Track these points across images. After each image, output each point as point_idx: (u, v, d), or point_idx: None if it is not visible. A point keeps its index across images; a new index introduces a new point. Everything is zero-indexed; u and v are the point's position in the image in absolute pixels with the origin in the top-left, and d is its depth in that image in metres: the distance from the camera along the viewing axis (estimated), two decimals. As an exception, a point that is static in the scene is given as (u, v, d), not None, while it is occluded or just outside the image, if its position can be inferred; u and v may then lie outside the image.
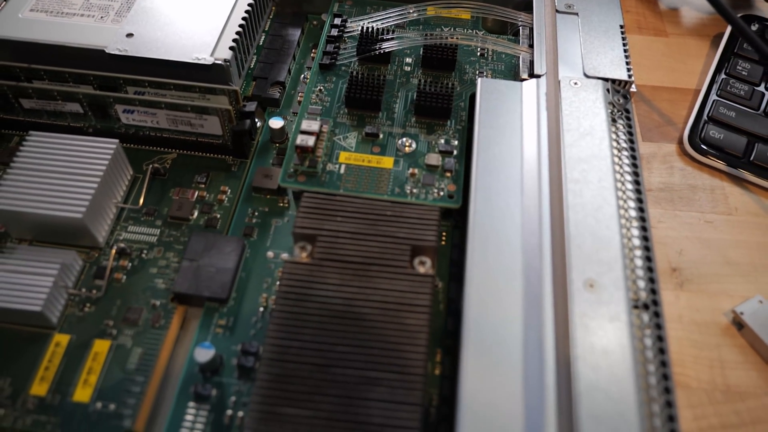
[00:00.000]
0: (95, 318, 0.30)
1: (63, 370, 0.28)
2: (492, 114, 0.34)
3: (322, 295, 0.27)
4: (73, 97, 0.34)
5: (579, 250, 0.28)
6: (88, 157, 0.32)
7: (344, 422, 0.24)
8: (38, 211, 0.30)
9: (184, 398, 0.28)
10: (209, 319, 0.30)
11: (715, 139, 0.38)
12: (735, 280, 0.33)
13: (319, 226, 0.29)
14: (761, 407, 0.29)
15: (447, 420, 0.27)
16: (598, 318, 0.26)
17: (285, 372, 0.25)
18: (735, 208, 0.36)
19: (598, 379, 0.25)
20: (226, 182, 0.35)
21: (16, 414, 0.27)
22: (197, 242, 0.32)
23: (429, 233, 0.29)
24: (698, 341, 0.31)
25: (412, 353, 0.25)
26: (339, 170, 0.33)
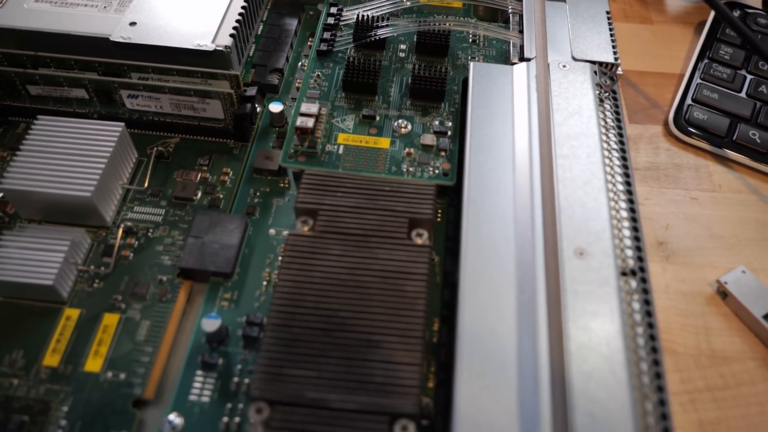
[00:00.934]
0: (104, 293, 0.31)
1: (74, 342, 0.29)
2: (484, 96, 0.35)
3: (325, 265, 0.28)
4: (78, 83, 0.35)
5: (569, 220, 0.29)
6: (95, 139, 0.33)
7: (347, 382, 0.25)
8: (48, 191, 0.31)
9: (192, 367, 0.29)
10: (214, 293, 0.31)
11: (700, 120, 0.39)
12: (719, 252, 0.35)
13: (320, 201, 0.30)
14: (745, 371, 0.31)
15: (445, 385, 0.28)
16: (588, 284, 0.28)
17: (290, 336, 0.26)
18: (719, 186, 0.38)
19: (589, 339, 0.26)
20: (228, 164, 0.36)
21: (30, 384, 0.28)
22: (202, 220, 0.33)
23: (426, 207, 0.30)
24: (684, 310, 0.33)
25: (412, 318, 0.26)
26: (338, 150, 0.34)
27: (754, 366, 0.31)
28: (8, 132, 0.37)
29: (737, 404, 0.30)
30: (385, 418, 0.24)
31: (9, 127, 0.38)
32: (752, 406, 0.30)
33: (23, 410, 0.27)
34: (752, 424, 0.29)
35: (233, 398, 0.28)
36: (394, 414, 0.24)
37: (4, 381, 0.28)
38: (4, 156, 0.36)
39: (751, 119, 0.39)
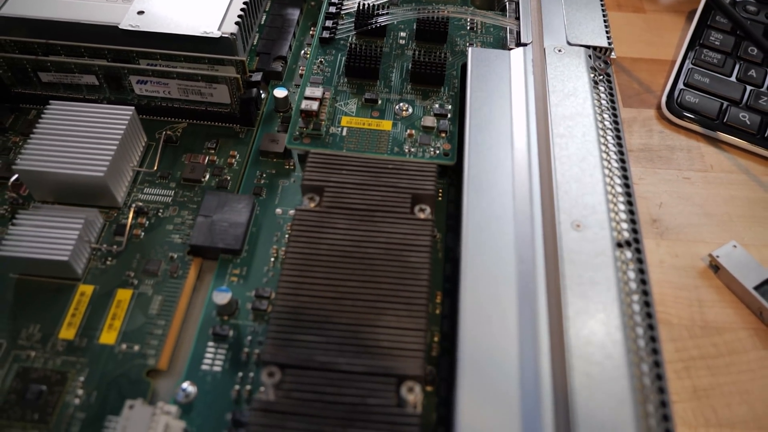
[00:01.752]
0: (117, 270, 0.32)
1: (89, 316, 0.30)
2: (482, 79, 0.36)
3: (331, 238, 0.29)
4: (89, 70, 0.36)
5: (566, 195, 0.31)
6: (106, 122, 0.34)
7: (355, 346, 0.26)
8: (62, 171, 0.32)
9: (203, 338, 0.30)
10: (224, 269, 0.32)
11: (691, 103, 0.41)
12: (711, 229, 0.36)
13: (326, 178, 0.31)
14: (736, 340, 0.32)
15: (448, 353, 0.29)
16: (585, 253, 0.29)
17: (299, 304, 0.27)
18: (711, 166, 0.39)
19: (587, 306, 0.27)
20: (234, 148, 0.37)
21: (47, 356, 0.29)
22: (211, 200, 0.34)
23: (428, 183, 0.31)
24: (678, 283, 0.34)
25: (416, 286, 0.27)
26: (341, 133, 0.35)
27: (746, 335, 0.32)
28: (20, 118, 0.38)
29: (729, 371, 0.31)
30: (392, 379, 0.25)
31: (20, 113, 0.39)
32: (744, 373, 0.31)
33: (41, 380, 0.28)
34: (744, 390, 0.30)
35: (244, 367, 0.29)
36: (400, 376, 0.25)
37: (22, 353, 0.29)
38: (17, 141, 0.37)
39: (741, 102, 0.40)
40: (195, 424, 0.27)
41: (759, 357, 0.31)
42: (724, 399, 0.30)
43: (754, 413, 0.29)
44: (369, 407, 0.24)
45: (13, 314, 0.30)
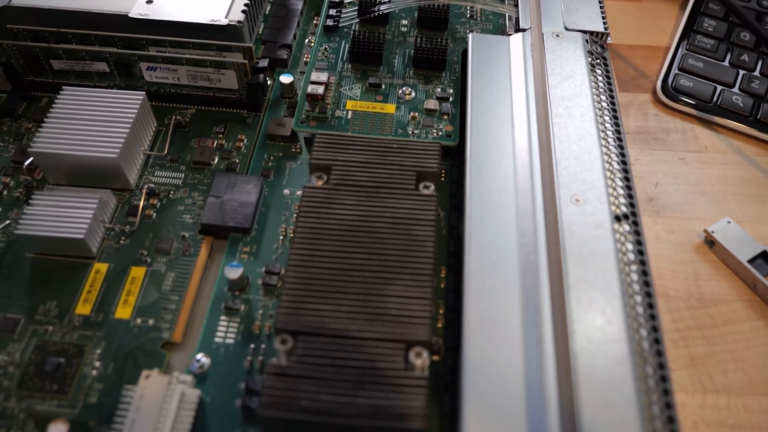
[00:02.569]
0: (130, 249, 0.33)
1: (104, 292, 0.31)
2: (483, 63, 0.37)
3: (339, 213, 0.30)
4: (100, 57, 0.37)
5: (565, 171, 0.32)
6: (118, 107, 0.35)
7: (365, 314, 0.27)
8: (76, 153, 0.33)
9: (216, 312, 0.31)
10: (234, 247, 0.33)
11: (686, 87, 0.42)
12: (706, 207, 0.37)
13: (334, 157, 0.32)
14: (731, 311, 0.33)
15: (453, 325, 0.30)
16: (584, 226, 0.30)
17: (310, 275, 0.28)
18: (705, 147, 0.40)
19: (586, 275, 0.28)
20: (242, 132, 0.38)
21: (64, 330, 0.30)
22: (220, 181, 0.35)
23: (432, 161, 0.32)
24: (674, 258, 0.35)
25: (422, 257, 0.28)
26: (347, 116, 0.36)
27: (740, 307, 0.33)
28: (32, 106, 0.39)
29: (725, 340, 0.32)
30: (401, 345, 0.26)
31: (32, 101, 0.39)
32: (739, 342, 0.32)
33: (59, 353, 0.29)
34: (739, 358, 0.31)
35: (256, 340, 0.30)
36: (408, 341, 0.26)
37: (40, 328, 0.30)
38: (29, 127, 0.38)
39: (734, 86, 0.42)
40: (209, 393, 0.28)
41: (753, 327, 0.32)
42: (719, 366, 0.31)
43: (749, 379, 0.31)
44: (379, 371, 0.25)
45: (30, 292, 0.31)
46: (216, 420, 0.28)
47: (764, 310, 0.33)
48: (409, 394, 0.25)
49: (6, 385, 0.28)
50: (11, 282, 0.32)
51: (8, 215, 0.34)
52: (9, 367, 0.29)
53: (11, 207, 0.35)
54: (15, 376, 0.29)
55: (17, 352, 0.29)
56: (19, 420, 0.27)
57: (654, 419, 0.25)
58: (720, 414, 0.30)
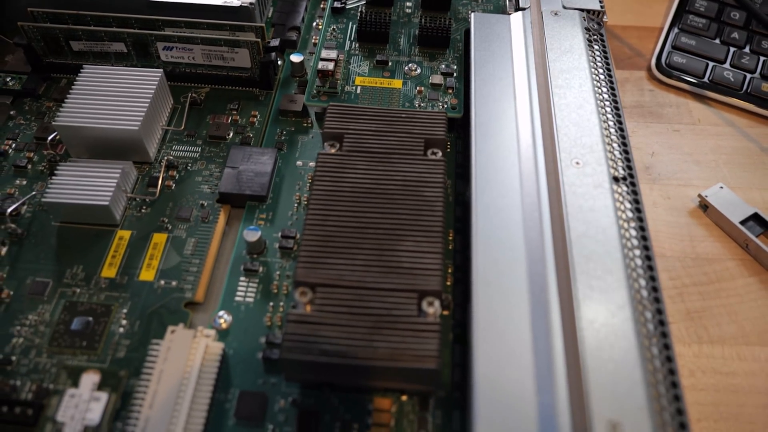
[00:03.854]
0: (152, 217, 0.34)
1: (128, 257, 0.33)
2: (485, 40, 0.39)
3: (352, 177, 0.31)
4: (118, 37, 0.39)
5: (566, 137, 0.33)
6: (137, 83, 0.36)
7: (379, 267, 0.28)
8: (99, 126, 0.34)
9: (235, 274, 0.32)
10: (251, 214, 0.35)
11: (679, 63, 0.43)
12: (700, 174, 0.39)
13: (346, 126, 0.34)
14: (724, 269, 0.35)
15: (461, 282, 0.32)
16: (585, 186, 0.31)
17: (326, 233, 0.29)
18: (698, 120, 0.42)
19: (587, 229, 0.30)
20: (255, 108, 0.39)
21: (91, 292, 0.32)
22: (236, 153, 0.36)
23: (439, 129, 0.34)
24: (670, 221, 0.36)
25: (431, 215, 0.30)
26: (356, 91, 0.38)
27: (734, 265, 0.35)
28: (51, 87, 0.41)
29: (719, 296, 0.34)
30: (414, 295, 0.28)
31: (52, 82, 0.41)
32: (732, 297, 0.34)
33: (87, 313, 0.31)
34: (733, 312, 0.33)
35: (275, 298, 0.31)
36: (421, 291, 0.28)
37: (68, 290, 0.32)
38: (50, 106, 0.40)
39: (725, 62, 0.43)
40: (232, 346, 0.30)
41: (745, 283, 0.34)
42: (714, 319, 0.33)
43: (741, 331, 0.32)
44: (394, 317, 0.27)
45: (57, 257, 0.33)
46: (239, 371, 0.29)
47: (756, 267, 0.35)
48: (422, 338, 0.26)
49: (37, 343, 0.30)
50: (39, 249, 0.33)
51: (33, 187, 0.36)
52: (40, 326, 0.30)
53: (36, 180, 0.36)
54: (46, 334, 0.30)
55: (47, 312, 0.31)
56: (51, 374, 0.29)
57: (653, 358, 0.26)
58: (715, 362, 0.31)
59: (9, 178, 0.36)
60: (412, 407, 0.28)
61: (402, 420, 0.28)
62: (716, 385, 0.30)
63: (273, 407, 0.28)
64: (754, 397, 0.30)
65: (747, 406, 0.30)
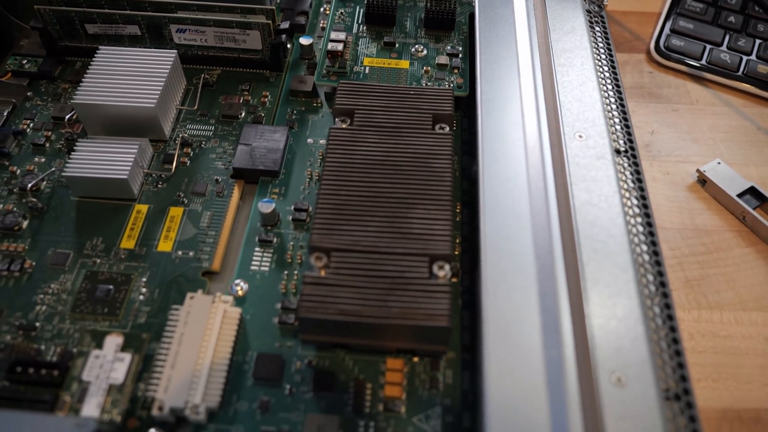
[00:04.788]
0: (168, 192, 0.36)
1: (145, 230, 0.34)
2: (490, 22, 0.40)
3: (364, 149, 0.33)
4: (132, 20, 0.40)
5: (569, 112, 0.35)
6: (153, 63, 0.37)
7: (392, 233, 0.29)
8: (116, 104, 0.35)
9: (251, 244, 0.33)
10: (264, 189, 0.36)
11: (678, 46, 0.45)
12: (698, 151, 0.40)
13: (356, 102, 0.35)
14: (722, 240, 0.36)
15: (469, 252, 0.33)
16: (587, 157, 0.33)
17: (339, 201, 0.30)
18: (696, 100, 0.43)
19: (590, 198, 0.31)
20: (266, 89, 0.41)
21: (111, 262, 0.33)
22: (249, 131, 0.37)
23: (446, 105, 0.35)
24: (670, 195, 0.38)
25: (441, 185, 0.31)
26: (364, 71, 0.39)
27: (731, 236, 0.36)
28: (66, 69, 0.42)
29: (717, 265, 0.35)
30: (425, 258, 0.29)
31: (67, 65, 0.42)
32: (730, 266, 0.35)
33: (108, 281, 0.32)
34: (730, 279, 0.34)
35: (289, 267, 0.33)
36: (432, 255, 0.29)
37: (88, 261, 0.33)
38: (66, 88, 0.41)
39: (721, 44, 0.45)
40: (248, 312, 0.31)
41: (742, 253, 0.35)
42: (713, 287, 0.34)
43: (739, 297, 0.33)
44: (406, 280, 0.28)
45: (77, 230, 0.34)
46: (256, 335, 0.30)
47: (752, 238, 0.36)
48: (434, 298, 0.27)
49: (60, 310, 0.31)
50: (59, 222, 0.34)
51: (51, 164, 0.37)
52: (62, 294, 0.31)
53: (54, 157, 0.37)
54: (68, 302, 0.31)
55: (68, 281, 0.32)
56: (75, 338, 0.30)
57: (655, 317, 0.27)
58: (714, 327, 0.32)
59: (28, 156, 0.37)
60: (423, 368, 0.29)
61: (414, 380, 0.29)
62: (715, 348, 0.32)
63: (289, 368, 0.29)
64: (751, 358, 0.31)
65: (744, 367, 0.31)
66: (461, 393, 0.29)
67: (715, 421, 0.29)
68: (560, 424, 0.24)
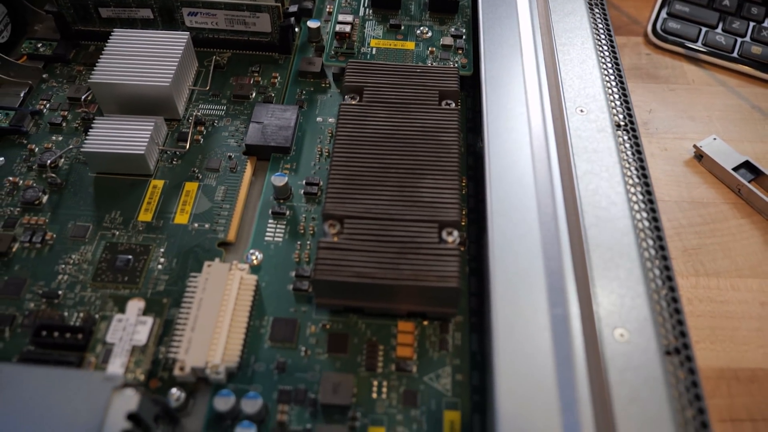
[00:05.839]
0: (182, 168, 0.37)
1: (162, 203, 0.35)
2: (492, 5, 0.41)
3: (374, 124, 0.34)
4: (145, 3, 0.41)
5: (570, 88, 0.36)
6: (166, 45, 0.38)
7: (401, 201, 0.31)
8: (131, 83, 0.36)
9: (264, 217, 0.34)
10: (276, 165, 0.37)
11: (674, 29, 0.46)
12: (694, 128, 0.41)
13: (365, 80, 0.36)
14: (718, 212, 0.37)
15: (475, 223, 0.34)
16: (589, 131, 0.34)
17: (351, 172, 0.32)
18: (692, 80, 0.44)
19: (592, 168, 0.32)
20: (275, 71, 0.42)
21: (129, 234, 0.34)
22: (260, 110, 0.38)
23: (451, 82, 0.36)
24: (668, 170, 0.39)
25: (448, 156, 0.32)
26: (371, 52, 0.40)
27: (727, 208, 0.37)
28: (80, 53, 0.43)
29: (714, 235, 0.36)
30: (435, 225, 0.30)
31: (81, 48, 0.43)
32: (726, 236, 0.36)
33: (127, 252, 0.33)
34: (726, 248, 0.35)
35: (302, 238, 0.34)
36: (441, 222, 0.30)
37: (108, 233, 0.34)
38: (81, 70, 0.42)
39: (717, 27, 0.46)
40: (264, 280, 0.32)
41: (738, 224, 0.36)
42: (710, 255, 0.35)
43: (735, 265, 0.35)
44: (417, 244, 0.29)
45: (96, 204, 0.35)
46: (271, 301, 0.31)
47: (748, 210, 0.37)
48: (444, 261, 0.29)
49: (81, 279, 0.32)
50: (78, 197, 0.35)
51: (68, 142, 0.38)
52: (83, 264, 0.33)
53: (71, 136, 0.38)
54: (89, 271, 0.32)
55: (89, 252, 0.33)
56: (96, 305, 0.31)
57: (656, 278, 0.29)
58: (711, 292, 0.34)
59: (45, 135, 0.38)
60: (433, 330, 0.30)
61: (424, 342, 0.30)
62: (712, 312, 0.33)
63: (304, 332, 0.30)
64: (747, 321, 0.32)
65: (740, 330, 0.32)
66: (470, 354, 0.30)
67: (713, 380, 0.31)
68: (567, 377, 0.26)
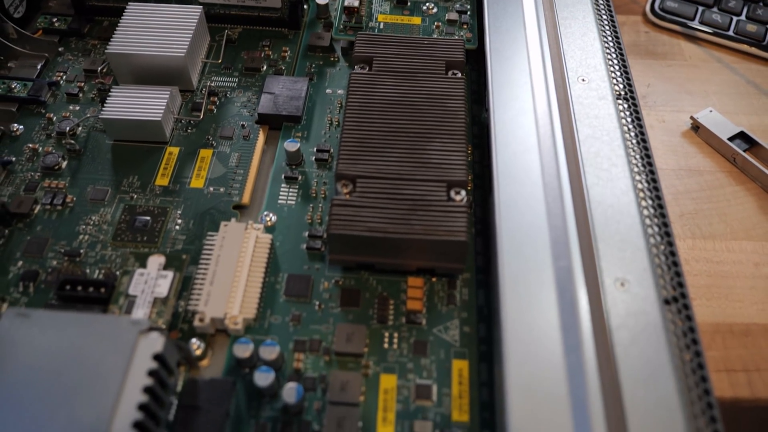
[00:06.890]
0: (197, 136, 0.38)
1: (178, 169, 0.36)
2: (496, -18, 0.43)
3: (383, 91, 0.35)
4: (159, -21, 0.42)
5: (572, 59, 0.37)
6: (180, 18, 0.39)
7: (411, 162, 0.32)
8: (147, 53, 0.38)
9: (277, 181, 0.36)
10: (288, 133, 0.38)
11: (672, 7, 0.47)
12: (691, 101, 0.43)
13: (374, 50, 0.37)
14: (714, 180, 0.39)
15: (480, 188, 0.36)
16: (590, 98, 0.35)
17: (362, 135, 0.33)
18: (689, 57, 0.46)
19: (593, 132, 0.34)
20: (285, 45, 0.43)
21: (147, 197, 0.35)
22: (271, 81, 0.40)
23: (457, 53, 0.37)
24: (665, 140, 0.40)
25: (455, 122, 0.34)
26: (379, 26, 0.42)
27: (722, 176, 0.39)
28: (94, 27, 0.44)
29: (710, 200, 0.37)
30: (443, 185, 0.31)
31: (95, 24, 0.44)
32: (721, 201, 0.37)
33: (145, 213, 0.34)
34: (722, 213, 0.37)
35: (314, 201, 0.35)
36: (449, 181, 0.31)
37: (126, 196, 0.35)
38: (95, 44, 0.43)
39: (713, 5, 0.47)
40: (278, 239, 0.33)
41: (733, 191, 0.38)
42: (706, 219, 0.36)
43: (730, 228, 0.36)
44: (427, 202, 0.30)
45: (114, 170, 0.36)
46: (286, 259, 0.33)
47: (742, 178, 0.38)
48: (452, 217, 0.30)
49: (102, 239, 0.33)
50: (96, 163, 0.36)
51: (85, 112, 0.39)
52: (103, 225, 0.34)
53: (87, 105, 0.39)
54: (109, 232, 0.33)
55: (108, 214, 0.34)
56: (117, 263, 0.32)
57: (655, 234, 0.30)
58: (707, 253, 0.35)
59: (63, 105, 0.39)
60: (441, 286, 0.32)
61: (433, 297, 0.31)
62: (708, 271, 0.34)
63: (318, 288, 0.32)
64: (741, 280, 0.34)
65: (735, 288, 0.34)
66: (477, 308, 0.31)
67: (709, 334, 0.32)
68: (570, 322, 0.27)
